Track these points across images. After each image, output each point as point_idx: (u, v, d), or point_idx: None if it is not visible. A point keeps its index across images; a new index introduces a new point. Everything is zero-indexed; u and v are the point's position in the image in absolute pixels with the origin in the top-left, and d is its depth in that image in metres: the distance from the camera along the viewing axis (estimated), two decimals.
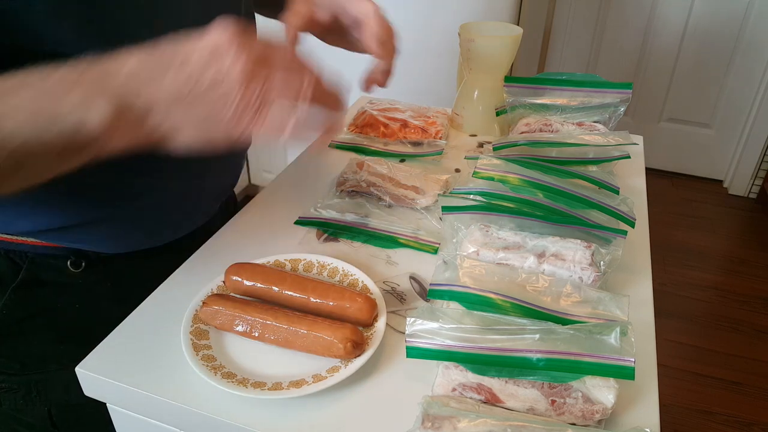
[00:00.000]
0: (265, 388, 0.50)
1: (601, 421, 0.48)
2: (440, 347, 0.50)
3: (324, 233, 0.73)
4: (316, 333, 0.52)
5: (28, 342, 0.67)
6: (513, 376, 0.49)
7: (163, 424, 0.54)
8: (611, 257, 0.62)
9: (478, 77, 0.96)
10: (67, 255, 0.65)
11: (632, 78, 2.69)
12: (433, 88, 1.67)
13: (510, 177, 0.71)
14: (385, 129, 0.96)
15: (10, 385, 0.67)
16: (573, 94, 0.90)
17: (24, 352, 0.67)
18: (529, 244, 0.62)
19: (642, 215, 0.77)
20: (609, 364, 0.48)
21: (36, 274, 0.65)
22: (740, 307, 2.07)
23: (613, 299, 0.55)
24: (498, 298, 0.55)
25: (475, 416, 0.44)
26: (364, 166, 0.84)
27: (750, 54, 2.51)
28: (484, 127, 0.99)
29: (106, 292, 0.69)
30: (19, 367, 0.67)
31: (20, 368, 0.67)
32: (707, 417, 1.68)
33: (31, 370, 0.67)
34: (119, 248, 0.68)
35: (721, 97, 2.64)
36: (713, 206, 2.67)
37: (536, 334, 0.49)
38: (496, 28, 0.96)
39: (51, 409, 0.69)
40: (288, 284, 0.58)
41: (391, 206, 0.78)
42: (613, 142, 0.79)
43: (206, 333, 0.56)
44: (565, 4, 2.65)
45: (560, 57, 2.78)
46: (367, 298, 0.56)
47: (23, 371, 0.67)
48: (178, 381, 0.52)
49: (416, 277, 0.66)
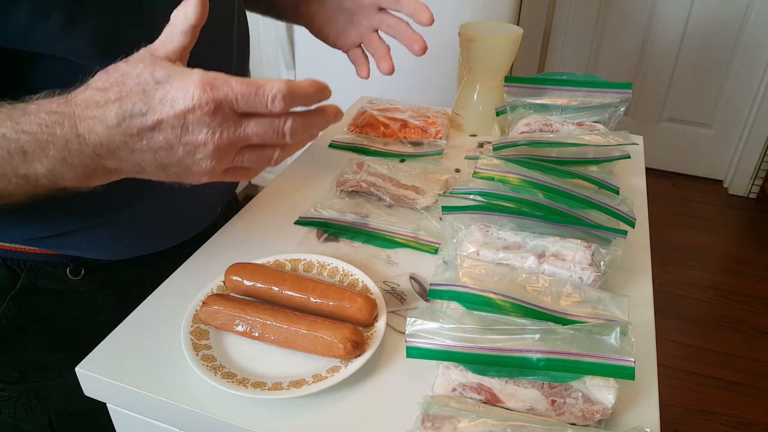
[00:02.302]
0: (265, 388, 0.50)
1: (601, 421, 0.48)
2: (440, 347, 0.50)
3: (324, 233, 0.73)
4: (316, 333, 0.52)
5: (27, 350, 0.66)
6: (513, 376, 0.49)
7: (163, 424, 0.54)
8: (611, 257, 0.62)
9: (478, 77, 0.96)
10: (66, 262, 0.65)
11: (632, 78, 2.69)
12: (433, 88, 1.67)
13: (510, 177, 0.71)
14: (385, 129, 0.96)
15: (10, 393, 0.67)
16: (573, 94, 0.90)
17: (23, 360, 0.67)
18: (529, 244, 0.62)
19: (642, 215, 0.77)
20: (609, 364, 0.48)
21: (35, 282, 0.64)
22: (740, 307, 2.07)
23: (613, 299, 0.55)
24: (498, 298, 0.55)
25: (475, 416, 0.44)
26: (364, 166, 0.84)
27: (750, 54, 2.51)
28: (484, 127, 0.99)
29: (106, 300, 0.68)
30: (18, 376, 0.66)
31: (19, 376, 0.66)
32: (707, 417, 1.68)
33: (30, 378, 0.67)
34: (118, 255, 0.67)
35: (721, 97, 2.64)
36: (713, 206, 2.67)
37: (536, 334, 0.49)
38: (496, 28, 0.96)
39: (51, 417, 0.69)
40: (288, 284, 0.58)
41: (391, 206, 0.78)
42: (613, 142, 0.79)
43: (206, 333, 0.56)
44: (565, 4, 2.65)
45: (560, 57, 2.78)
46: (367, 298, 0.56)
47: (23, 379, 0.67)
48: (178, 381, 0.52)
49: (416, 277, 0.66)
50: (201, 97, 0.41)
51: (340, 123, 1.02)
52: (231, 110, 0.43)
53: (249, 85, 0.42)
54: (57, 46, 0.49)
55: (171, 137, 0.42)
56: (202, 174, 0.45)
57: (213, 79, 0.42)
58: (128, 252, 0.68)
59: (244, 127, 0.44)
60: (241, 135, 0.44)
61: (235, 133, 0.43)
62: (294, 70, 1.85)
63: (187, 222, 0.73)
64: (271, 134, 0.45)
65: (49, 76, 0.52)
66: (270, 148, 0.47)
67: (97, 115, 0.42)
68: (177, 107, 0.41)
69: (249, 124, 0.44)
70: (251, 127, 0.44)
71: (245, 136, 0.44)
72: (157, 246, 0.70)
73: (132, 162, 0.44)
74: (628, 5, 2.57)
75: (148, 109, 0.42)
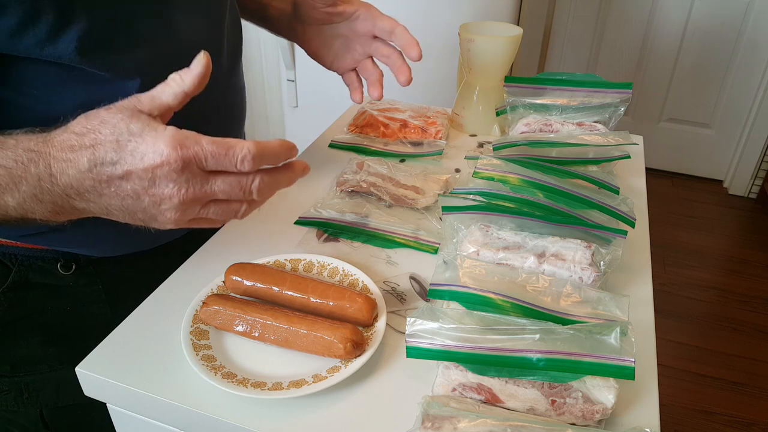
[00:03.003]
0: (265, 388, 0.50)
1: (601, 421, 0.48)
2: (440, 347, 0.50)
3: (324, 233, 0.73)
4: (316, 333, 0.52)
5: (18, 344, 0.67)
6: (513, 376, 0.49)
7: (163, 424, 0.54)
8: (611, 257, 0.62)
9: (478, 77, 0.96)
10: (57, 258, 0.65)
11: (632, 78, 2.69)
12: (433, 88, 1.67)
13: (510, 177, 0.71)
14: (385, 129, 0.96)
15: (1, 387, 0.67)
16: (573, 94, 0.90)
17: (14, 354, 0.67)
18: (529, 244, 0.62)
19: (642, 215, 0.77)
20: (609, 364, 0.48)
21: (26, 277, 0.65)
22: (740, 307, 2.07)
23: (613, 299, 0.55)
24: (498, 298, 0.55)
25: (475, 416, 0.44)
26: (364, 166, 0.84)
27: (750, 54, 2.51)
28: (484, 127, 0.99)
29: (97, 295, 0.69)
30: (9, 369, 0.67)
31: (10, 370, 0.67)
32: (707, 417, 1.68)
33: (21, 372, 0.67)
34: (109, 252, 0.68)
35: (721, 97, 2.64)
36: (713, 206, 2.67)
37: (536, 334, 0.49)
38: (496, 28, 0.96)
39: (43, 411, 0.69)
40: (288, 284, 0.58)
41: (391, 206, 0.78)
42: (613, 142, 0.79)
43: (206, 333, 0.56)
44: (565, 4, 2.65)
45: (560, 57, 2.78)
46: (367, 298, 0.56)
47: (14, 373, 0.67)
48: (178, 381, 0.52)
49: (416, 277, 0.66)
50: (170, 155, 0.43)
51: (340, 123, 1.02)
52: (199, 168, 0.44)
53: (219, 145, 0.44)
54: (45, 50, 0.50)
55: (138, 188, 0.44)
56: (167, 223, 0.47)
57: (184, 138, 0.43)
58: (119, 248, 0.68)
59: (211, 184, 0.45)
60: (207, 191, 0.45)
61: (201, 189, 0.45)
62: (294, 70, 1.85)
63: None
64: (238, 192, 0.46)
65: (37, 77, 0.53)
66: (236, 203, 0.48)
67: (71, 158, 0.44)
68: (146, 162, 0.43)
69: (216, 182, 0.45)
70: (218, 184, 0.45)
71: (212, 192, 0.45)
72: (147, 243, 0.70)
73: (100, 205, 0.46)
74: (628, 5, 2.57)
75: (118, 159, 0.43)
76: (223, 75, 0.70)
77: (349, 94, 0.86)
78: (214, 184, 0.45)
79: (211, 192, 0.45)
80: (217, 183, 0.45)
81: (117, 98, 0.46)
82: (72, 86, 0.54)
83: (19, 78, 0.53)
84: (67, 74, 0.53)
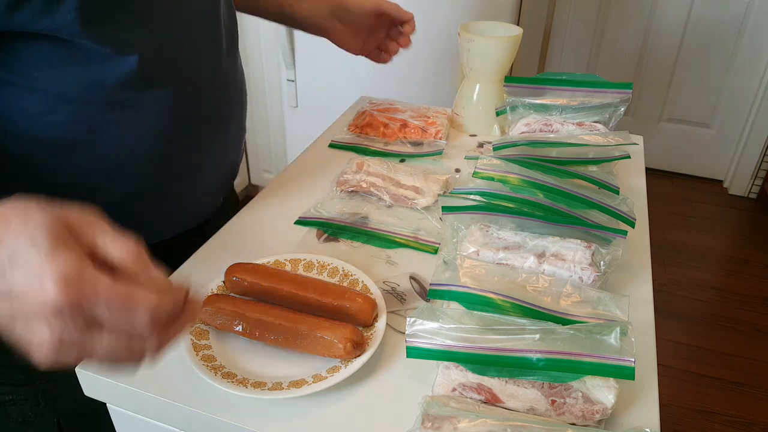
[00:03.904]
0: (265, 388, 0.50)
1: (601, 421, 0.48)
2: (440, 347, 0.50)
3: (324, 233, 0.73)
4: (316, 333, 0.52)
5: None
6: (513, 376, 0.49)
7: (163, 424, 0.54)
8: (611, 257, 0.62)
9: (478, 77, 0.96)
10: None
11: (632, 78, 2.69)
12: (433, 88, 1.67)
13: (510, 177, 0.71)
14: (385, 129, 0.96)
15: (17, 396, 0.66)
16: (573, 94, 0.90)
17: (27, 361, 0.66)
18: (529, 244, 0.62)
19: (642, 215, 0.77)
20: (609, 364, 0.48)
21: None
22: (740, 307, 2.07)
23: (613, 299, 0.55)
24: (498, 298, 0.55)
25: (475, 416, 0.44)
26: (364, 166, 0.84)
27: (750, 54, 2.51)
28: (484, 127, 0.99)
29: None
30: (23, 378, 0.66)
31: (25, 378, 0.66)
32: (707, 417, 1.67)
33: (36, 380, 0.66)
34: None
35: (721, 97, 2.64)
36: (713, 206, 2.66)
37: (536, 334, 0.49)
38: (496, 28, 0.96)
39: (60, 419, 0.69)
40: (288, 284, 0.58)
41: (391, 206, 0.78)
42: (613, 142, 0.79)
43: (206, 333, 0.56)
44: (565, 4, 2.65)
45: (560, 57, 2.78)
46: (367, 298, 0.56)
47: (28, 381, 0.66)
48: (178, 381, 0.52)
49: (416, 277, 0.66)
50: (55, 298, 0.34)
51: (340, 123, 1.02)
52: (86, 316, 0.35)
53: (119, 295, 0.35)
54: (42, 22, 0.49)
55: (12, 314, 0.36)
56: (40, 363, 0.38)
57: (79, 275, 0.34)
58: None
59: (94, 339, 0.36)
60: (87, 346, 0.36)
61: (80, 341, 0.36)
62: (294, 70, 1.85)
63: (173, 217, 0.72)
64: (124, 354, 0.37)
65: (37, 56, 0.52)
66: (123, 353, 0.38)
67: None
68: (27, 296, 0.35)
69: (102, 340, 0.36)
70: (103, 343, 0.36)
71: (91, 348, 0.36)
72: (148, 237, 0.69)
73: None
74: (628, 5, 2.57)
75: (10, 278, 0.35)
76: (224, 56, 0.70)
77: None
78: (99, 341, 0.36)
79: (90, 348, 0.36)
80: (102, 341, 0.36)
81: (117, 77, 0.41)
82: (72, 65, 0.53)
83: (16, 58, 0.52)
84: (65, 52, 0.52)
